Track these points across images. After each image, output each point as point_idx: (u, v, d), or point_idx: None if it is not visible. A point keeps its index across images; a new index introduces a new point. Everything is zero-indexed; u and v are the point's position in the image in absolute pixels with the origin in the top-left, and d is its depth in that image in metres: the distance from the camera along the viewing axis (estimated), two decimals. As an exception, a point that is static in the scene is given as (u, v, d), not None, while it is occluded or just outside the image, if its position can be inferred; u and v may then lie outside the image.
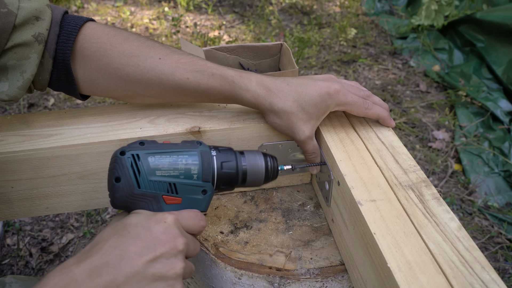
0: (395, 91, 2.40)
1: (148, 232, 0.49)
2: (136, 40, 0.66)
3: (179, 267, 0.49)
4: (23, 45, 0.61)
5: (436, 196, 0.56)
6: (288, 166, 0.66)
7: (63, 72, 0.65)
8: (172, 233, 0.50)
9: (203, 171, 0.56)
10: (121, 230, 0.50)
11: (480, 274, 0.45)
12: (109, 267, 0.46)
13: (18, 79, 0.62)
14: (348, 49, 2.81)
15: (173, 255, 0.49)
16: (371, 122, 0.71)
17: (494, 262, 1.53)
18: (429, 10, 2.81)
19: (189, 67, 0.64)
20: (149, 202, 0.55)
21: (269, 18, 3.17)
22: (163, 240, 0.49)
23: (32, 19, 0.61)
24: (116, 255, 0.47)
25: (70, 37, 0.64)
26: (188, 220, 0.54)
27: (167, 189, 0.55)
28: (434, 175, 1.88)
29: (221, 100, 0.67)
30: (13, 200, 0.67)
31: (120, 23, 3.04)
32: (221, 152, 0.59)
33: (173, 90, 0.66)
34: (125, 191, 0.53)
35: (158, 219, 0.51)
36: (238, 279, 0.63)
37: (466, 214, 1.71)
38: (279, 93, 0.63)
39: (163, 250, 0.49)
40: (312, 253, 0.64)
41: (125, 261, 0.47)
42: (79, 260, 0.47)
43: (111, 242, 0.49)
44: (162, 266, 0.48)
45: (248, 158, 0.61)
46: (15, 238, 1.51)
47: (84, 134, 0.66)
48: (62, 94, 2.29)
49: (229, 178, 0.59)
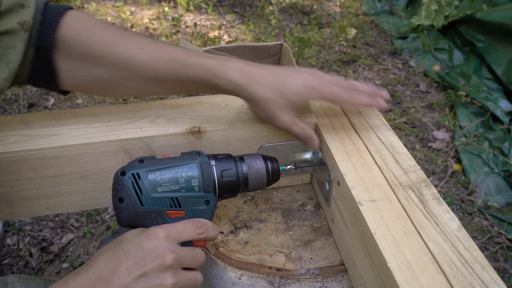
0: (395, 91, 2.40)
1: (139, 249, 0.52)
2: (116, 29, 0.65)
3: (169, 282, 0.51)
4: (9, 33, 0.59)
5: (436, 196, 0.56)
6: (289, 166, 0.66)
7: (44, 63, 0.63)
8: (162, 249, 0.52)
9: (203, 182, 0.57)
10: (116, 246, 0.53)
11: (480, 274, 0.45)
12: (102, 281, 0.49)
13: (3, 70, 0.60)
14: (348, 49, 2.81)
15: (162, 271, 0.51)
16: (371, 122, 0.71)
17: (494, 262, 1.53)
18: (429, 10, 2.81)
19: (169, 56, 0.62)
20: (154, 219, 0.56)
21: (269, 18, 3.17)
22: (152, 257, 0.51)
23: (17, 6, 0.59)
24: (109, 270, 0.50)
25: (52, 25, 0.62)
26: (183, 232, 0.55)
27: (170, 204, 0.56)
28: (434, 175, 1.88)
29: (203, 90, 0.66)
30: (13, 200, 0.67)
31: (120, 23, 3.03)
32: (220, 160, 0.60)
33: (153, 80, 0.64)
34: (129, 211, 0.55)
35: (150, 234, 0.53)
36: (238, 279, 0.63)
37: (466, 214, 1.71)
38: (261, 80, 0.62)
39: (152, 266, 0.51)
40: (312, 253, 0.64)
41: (116, 276, 0.50)
42: (77, 274, 0.50)
43: (106, 257, 0.52)
44: (151, 281, 0.51)
45: (248, 163, 0.61)
46: (15, 238, 1.51)
47: (84, 134, 0.66)
48: (62, 94, 2.29)
49: (231, 185, 0.59)
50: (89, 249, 1.48)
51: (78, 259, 1.44)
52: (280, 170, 0.64)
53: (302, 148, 0.72)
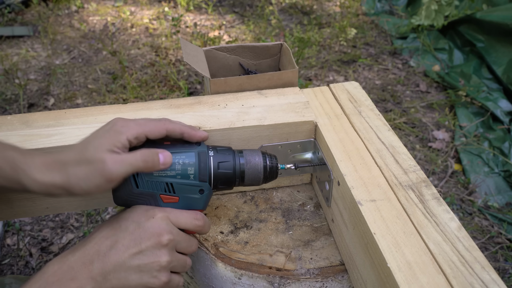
0: (395, 91, 2.40)
1: (137, 227, 0.53)
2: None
3: (164, 260, 0.53)
4: None
5: (436, 196, 0.56)
6: (289, 165, 0.66)
7: None
8: (159, 228, 0.54)
9: (199, 171, 0.58)
10: (114, 223, 0.55)
11: (480, 274, 0.45)
12: (99, 255, 0.51)
13: None
14: (348, 49, 2.81)
15: (157, 249, 0.53)
16: (371, 122, 0.71)
17: (494, 262, 1.53)
18: (429, 10, 2.81)
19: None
20: (147, 200, 0.57)
21: (269, 18, 3.16)
22: (149, 235, 0.53)
23: None
24: (106, 245, 0.52)
25: None
26: (180, 218, 0.56)
27: (164, 188, 0.57)
28: (434, 175, 1.88)
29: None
30: (13, 200, 0.67)
31: (120, 23, 3.04)
32: (219, 152, 0.60)
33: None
34: (125, 190, 0.56)
35: (148, 214, 0.55)
36: (238, 279, 0.63)
37: (466, 214, 1.71)
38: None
39: (148, 244, 0.53)
40: (312, 253, 0.64)
41: (114, 251, 0.52)
42: (75, 250, 0.52)
43: (104, 233, 0.53)
44: (146, 258, 0.52)
45: (247, 157, 0.61)
46: (15, 238, 1.51)
47: (84, 134, 0.66)
48: (62, 94, 2.29)
49: (226, 177, 0.60)
50: (89, 249, 1.48)
51: (78, 259, 1.44)
52: (279, 169, 0.64)
53: (302, 148, 0.72)
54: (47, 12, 3.20)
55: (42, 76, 2.45)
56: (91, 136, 0.55)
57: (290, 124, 0.69)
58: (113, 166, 0.51)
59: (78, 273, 0.50)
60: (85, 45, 2.78)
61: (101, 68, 2.54)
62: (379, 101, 2.33)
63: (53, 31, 2.93)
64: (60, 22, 3.09)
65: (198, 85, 2.38)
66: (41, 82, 2.39)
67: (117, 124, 0.55)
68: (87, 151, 0.52)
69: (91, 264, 0.50)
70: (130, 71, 2.48)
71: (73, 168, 0.51)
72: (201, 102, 0.75)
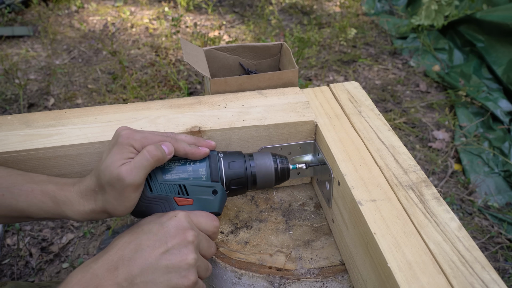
0: (395, 91, 2.40)
1: (160, 227, 0.53)
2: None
3: (191, 258, 0.52)
4: None
5: (436, 196, 0.56)
6: (300, 165, 0.66)
7: None
8: (182, 226, 0.53)
9: (211, 171, 0.59)
10: (135, 228, 0.54)
11: (481, 274, 0.45)
12: (124, 260, 0.50)
13: None
14: (348, 49, 2.81)
15: (184, 246, 0.52)
16: (371, 122, 0.71)
17: (494, 262, 1.53)
18: (429, 10, 2.81)
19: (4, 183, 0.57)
20: (162, 205, 0.57)
21: (269, 18, 3.16)
22: (173, 233, 0.52)
23: None
24: (130, 249, 0.51)
25: None
26: (200, 218, 0.57)
27: (178, 191, 0.58)
28: (434, 175, 1.88)
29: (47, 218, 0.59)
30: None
31: (120, 23, 3.04)
32: (229, 154, 0.62)
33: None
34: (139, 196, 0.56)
35: (170, 215, 0.55)
36: (238, 279, 0.63)
37: (466, 214, 1.71)
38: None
39: (174, 242, 0.52)
40: (312, 253, 0.64)
41: (139, 253, 0.50)
42: (97, 258, 0.51)
43: (126, 239, 0.52)
44: (174, 258, 0.51)
45: (257, 159, 0.62)
46: (15, 238, 1.51)
47: (84, 134, 0.66)
48: (62, 94, 2.29)
49: (238, 177, 0.60)
50: (89, 249, 1.48)
51: (78, 259, 1.44)
52: (291, 169, 0.64)
53: (302, 150, 0.72)
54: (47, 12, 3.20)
55: (42, 76, 2.45)
56: (104, 155, 0.57)
57: (290, 124, 0.69)
58: (130, 176, 0.52)
59: (102, 280, 0.48)
60: (85, 45, 2.78)
61: (101, 68, 2.54)
62: (379, 101, 2.33)
63: (53, 31, 2.93)
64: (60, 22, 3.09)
65: (198, 85, 2.38)
66: (41, 82, 2.39)
67: (122, 135, 0.56)
68: (104, 175, 0.53)
69: (116, 270, 0.49)
70: (130, 71, 2.48)
71: (102, 196, 0.54)
72: (201, 102, 0.75)
